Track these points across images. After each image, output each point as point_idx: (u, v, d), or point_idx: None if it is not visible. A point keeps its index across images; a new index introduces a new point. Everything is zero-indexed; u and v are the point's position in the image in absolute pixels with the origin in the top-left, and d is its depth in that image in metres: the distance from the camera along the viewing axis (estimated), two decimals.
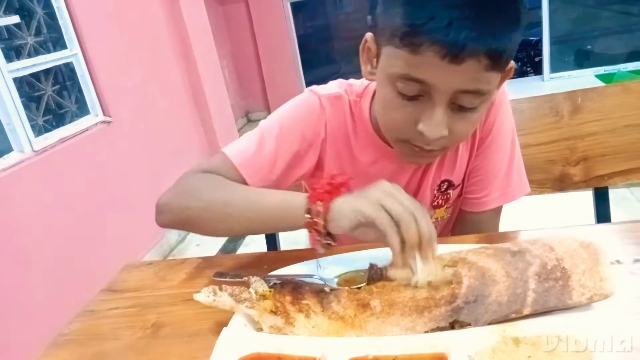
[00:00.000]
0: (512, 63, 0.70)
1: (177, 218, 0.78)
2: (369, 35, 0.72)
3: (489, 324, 0.52)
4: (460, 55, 0.59)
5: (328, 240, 0.65)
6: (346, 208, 0.62)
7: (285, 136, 0.81)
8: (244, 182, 0.79)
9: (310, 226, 0.64)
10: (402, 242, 0.57)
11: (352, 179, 0.67)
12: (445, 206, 0.88)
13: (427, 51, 0.60)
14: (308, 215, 0.64)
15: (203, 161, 0.82)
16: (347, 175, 0.68)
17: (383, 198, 0.60)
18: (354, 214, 0.61)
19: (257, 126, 0.84)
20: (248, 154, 0.80)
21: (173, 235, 2.97)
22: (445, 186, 0.86)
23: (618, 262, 0.61)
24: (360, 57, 0.75)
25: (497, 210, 0.87)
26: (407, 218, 0.57)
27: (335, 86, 0.85)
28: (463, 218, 0.90)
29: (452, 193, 0.87)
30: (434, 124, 0.65)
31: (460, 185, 0.87)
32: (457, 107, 0.65)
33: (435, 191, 0.86)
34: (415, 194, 0.87)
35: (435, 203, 0.87)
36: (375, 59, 0.71)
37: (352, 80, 0.87)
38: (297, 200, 0.67)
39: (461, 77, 0.62)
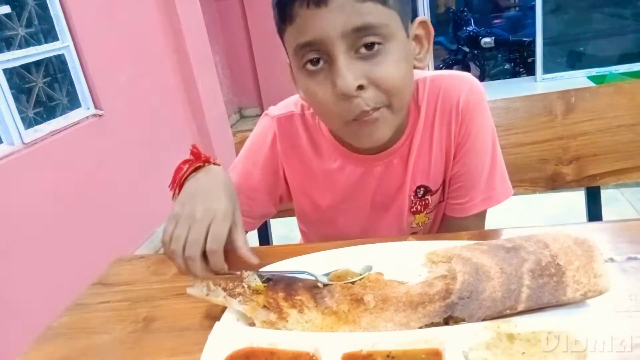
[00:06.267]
0: (422, 17, 0.73)
1: None
2: (287, 57, 0.74)
3: (484, 319, 0.52)
4: None
5: None
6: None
7: (249, 170, 0.88)
8: None
9: None
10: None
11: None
12: (425, 212, 0.88)
13: (296, 10, 0.64)
14: None
15: None
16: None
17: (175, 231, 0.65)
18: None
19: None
20: None
21: None
22: (422, 192, 0.85)
23: (611, 259, 0.62)
24: (293, 83, 0.77)
25: (482, 215, 0.86)
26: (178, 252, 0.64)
27: (290, 104, 0.87)
28: (448, 223, 0.89)
29: (431, 199, 0.86)
30: (343, 74, 0.64)
31: (440, 191, 0.86)
32: (363, 54, 0.65)
33: (413, 197, 0.86)
34: (391, 200, 0.86)
35: (414, 209, 0.87)
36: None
37: None
38: None
39: (337, 17, 0.62)
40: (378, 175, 0.84)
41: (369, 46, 0.65)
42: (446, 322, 0.54)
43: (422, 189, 0.85)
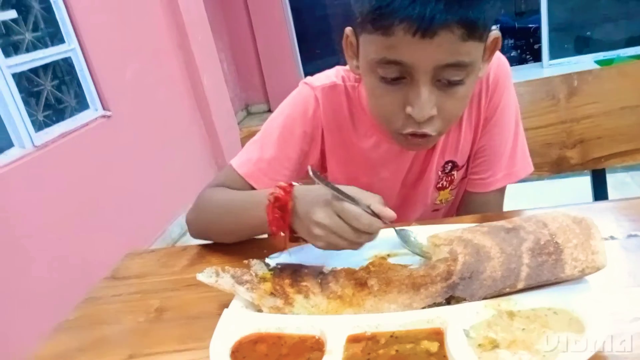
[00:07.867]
0: (497, 33, 0.70)
1: (197, 230, 0.85)
2: (348, 29, 0.72)
3: (484, 298, 0.53)
4: (431, 28, 0.58)
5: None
6: (303, 219, 0.64)
7: (286, 138, 0.84)
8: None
9: (273, 210, 0.67)
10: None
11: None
12: (450, 188, 0.89)
13: (398, 30, 0.60)
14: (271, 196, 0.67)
15: (217, 176, 0.88)
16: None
17: (320, 228, 0.62)
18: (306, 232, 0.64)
19: (260, 129, 0.87)
20: (251, 163, 0.84)
21: (175, 228, 2.99)
22: (449, 167, 0.87)
23: (612, 237, 0.62)
24: (345, 53, 0.75)
25: (502, 191, 0.87)
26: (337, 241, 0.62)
27: (331, 75, 0.86)
28: (468, 199, 0.90)
29: (457, 174, 0.88)
30: (422, 104, 0.64)
31: (465, 167, 0.88)
32: (442, 83, 0.65)
33: (440, 172, 0.87)
34: (420, 176, 0.87)
35: (440, 185, 0.88)
36: (357, 52, 0.71)
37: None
38: (262, 193, 0.71)
39: (438, 52, 0.61)
40: (412, 156, 0.85)
41: (452, 79, 0.65)
42: (448, 302, 0.55)
43: (449, 164, 0.86)
